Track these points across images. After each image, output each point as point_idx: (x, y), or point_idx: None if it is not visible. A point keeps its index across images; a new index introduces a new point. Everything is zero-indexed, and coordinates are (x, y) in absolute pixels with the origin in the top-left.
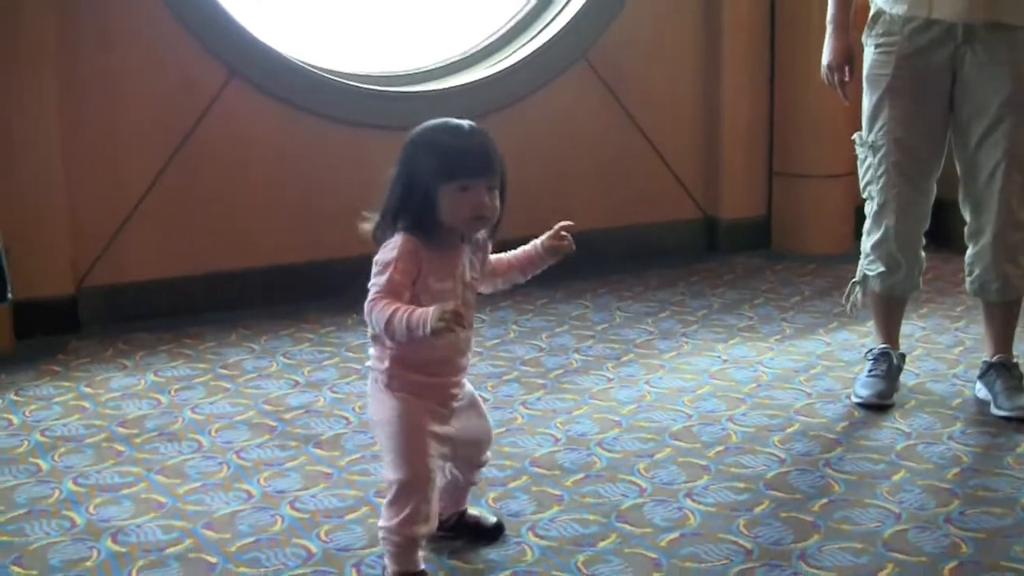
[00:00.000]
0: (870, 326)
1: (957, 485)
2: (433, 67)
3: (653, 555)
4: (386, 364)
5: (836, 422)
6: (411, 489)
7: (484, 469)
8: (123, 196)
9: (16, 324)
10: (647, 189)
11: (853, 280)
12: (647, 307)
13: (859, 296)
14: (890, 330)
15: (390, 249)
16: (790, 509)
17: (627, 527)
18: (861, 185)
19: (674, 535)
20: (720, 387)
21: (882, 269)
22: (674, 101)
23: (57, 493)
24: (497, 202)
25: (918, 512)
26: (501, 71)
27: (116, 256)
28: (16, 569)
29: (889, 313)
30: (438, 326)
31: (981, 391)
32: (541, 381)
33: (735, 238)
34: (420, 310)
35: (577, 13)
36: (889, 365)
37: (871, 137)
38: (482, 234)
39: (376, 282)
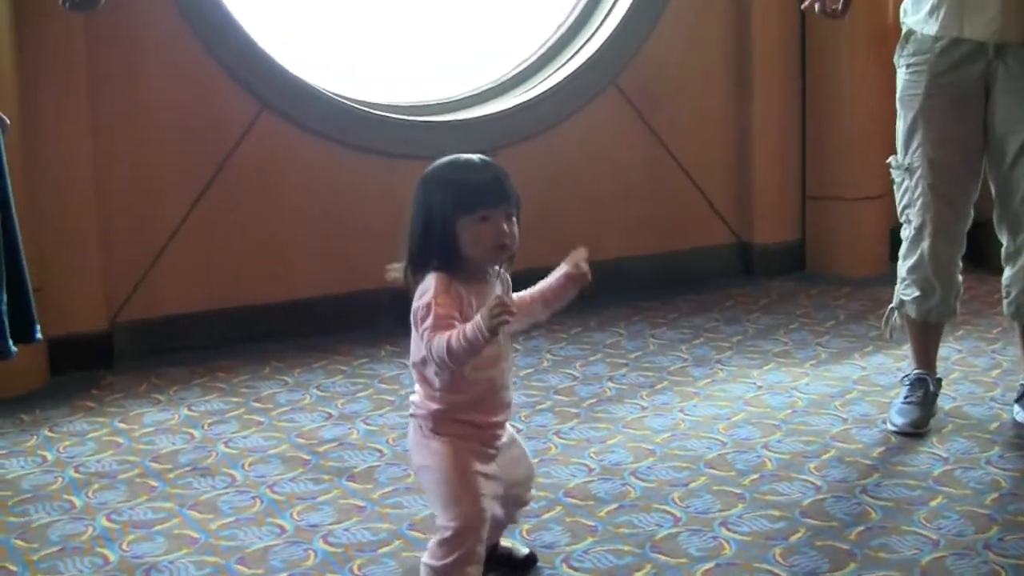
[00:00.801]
0: (906, 350)
1: (996, 511)
2: (463, 96)
3: None
4: (433, 407)
5: (872, 448)
6: (467, 530)
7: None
8: (156, 230)
9: (50, 360)
10: (679, 215)
11: (891, 306)
12: (681, 334)
13: (897, 321)
14: (927, 355)
15: (424, 291)
16: (826, 537)
17: (662, 557)
18: (898, 209)
19: (709, 565)
20: (755, 414)
21: (918, 294)
22: (705, 125)
23: (91, 530)
24: (516, 230)
25: (956, 539)
26: (531, 99)
27: (149, 290)
28: None
29: (925, 338)
30: (493, 323)
31: (1019, 414)
32: (575, 410)
33: (769, 262)
34: (470, 323)
35: (607, 39)
36: (925, 392)
37: (907, 160)
38: (500, 270)
39: (426, 326)
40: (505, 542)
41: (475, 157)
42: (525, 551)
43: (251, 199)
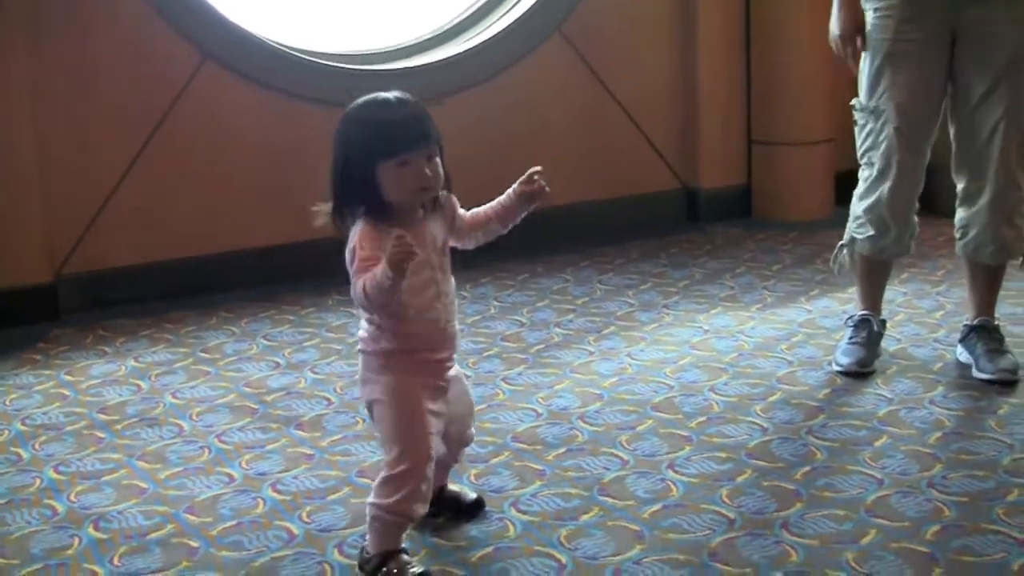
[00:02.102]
0: (852, 292)
1: (939, 450)
2: (407, 44)
3: (636, 527)
4: (383, 344)
5: (818, 389)
6: (413, 468)
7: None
8: (99, 182)
9: None
10: (625, 161)
11: (841, 243)
12: (628, 279)
13: (846, 259)
14: (873, 295)
15: (351, 236)
16: (773, 478)
17: (609, 500)
18: (859, 151)
19: (656, 507)
20: (702, 358)
21: (871, 232)
22: (649, 71)
23: (38, 482)
24: (440, 168)
25: (901, 477)
26: (475, 47)
27: (94, 243)
28: None
29: (873, 278)
30: (393, 260)
31: (963, 354)
32: (522, 356)
33: (715, 208)
34: (378, 267)
35: None
36: (869, 332)
37: (872, 102)
38: (441, 195)
39: (353, 272)
40: (453, 486)
41: (392, 95)
42: (473, 495)
43: (194, 150)
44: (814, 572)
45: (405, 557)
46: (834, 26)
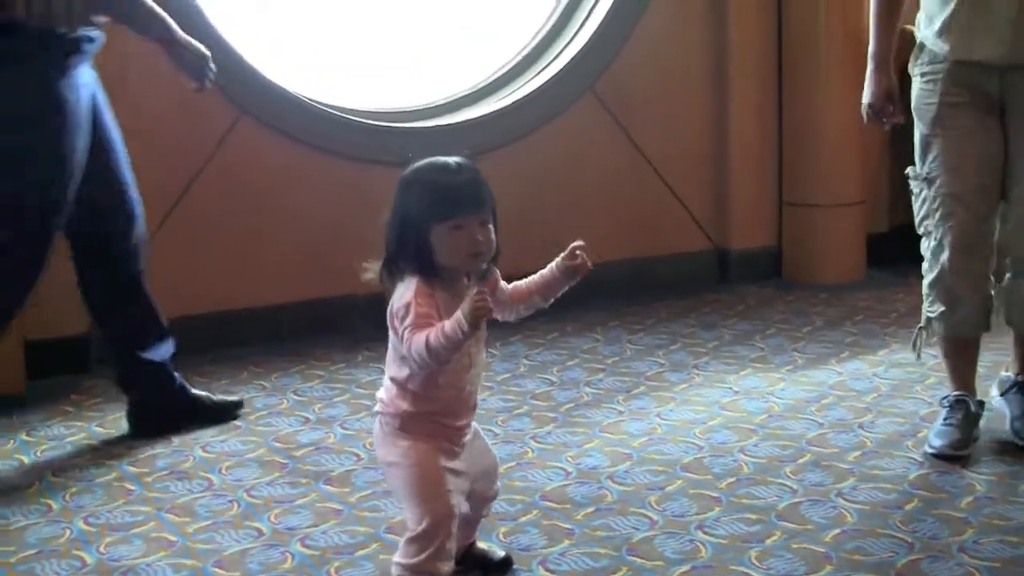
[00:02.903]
0: (882, 356)
1: (971, 514)
2: (441, 103)
3: None
4: (403, 407)
5: (848, 452)
6: (435, 527)
7: (494, 503)
8: None
9: (29, 365)
10: (657, 221)
11: (919, 326)
12: (658, 339)
13: (924, 340)
14: (963, 375)
15: (404, 293)
16: (802, 540)
17: (638, 560)
18: (917, 221)
19: (685, 568)
20: (732, 418)
21: (943, 309)
22: (682, 131)
23: (68, 533)
24: (492, 235)
25: (931, 542)
26: (508, 106)
27: None
28: None
29: (958, 356)
30: (475, 315)
31: (999, 402)
32: (552, 415)
33: (746, 269)
34: (449, 320)
35: (584, 45)
36: (966, 413)
37: (924, 169)
38: (477, 285)
39: (406, 325)
40: (481, 544)
41: (452, 160)
42: (501, 553)
43: (227, 205)
44: None
45: None
46: (865, 94)
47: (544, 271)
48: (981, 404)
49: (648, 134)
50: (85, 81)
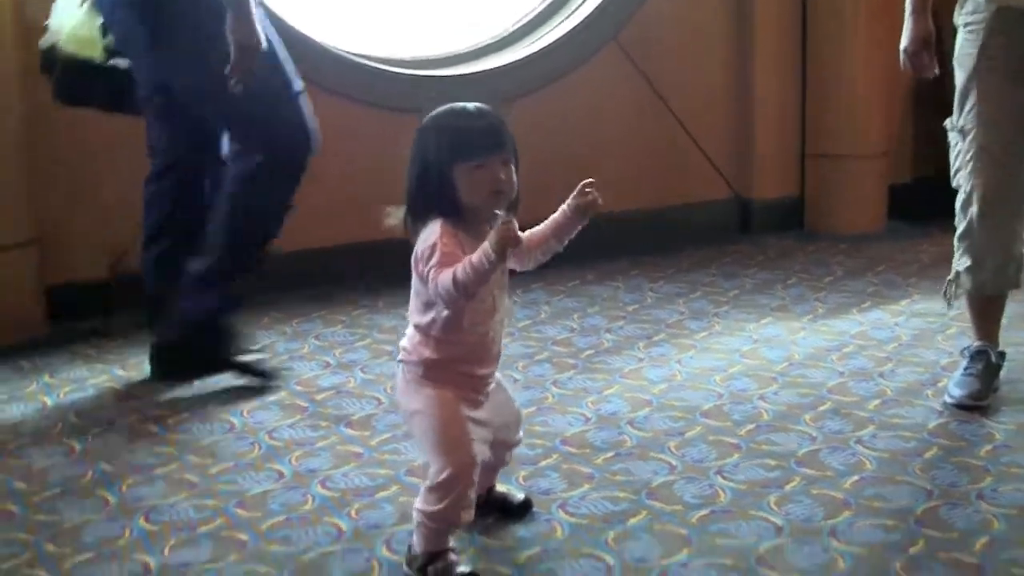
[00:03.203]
0: (904, 306)
1: (990, 462)
2: (465, 51)
3: (683, 531)
4: (426, 355)
5: (868, 400)
6: (457, 475)
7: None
8: None
9: (51, 307)
10: (678, 170)
11: (948, 278)
12: (678, 288)
13: (955, 291)
14: (987, 327)
15: (428, 235)
16: (821, 486)
17: (657, 504)
18: (951, 173)
19: (704, 512)
20: (751, 366)
21: (969, 263)
22: (705, 81)
23: (90, 474)
24: (514, 176)
25: (950, 489)
26: (532, 54)
27: None
28: (50, 547)
29: (983, 309)
30: (500, 244)
31: None
32: (572, 361)
33: (767, 219)
34: (475, 254)
35: None
36: (986, 363)
37: (960, 120)
38: (503, 214)
39: (431, 264)
40: (501, 487)
41: (471, 105)
42: (521, 496)
43: None
44: None
45: (452, 556)
46: (903, 40)
47: (555, 214)
48: (1002, 355)
49: (671, 84)
50: None
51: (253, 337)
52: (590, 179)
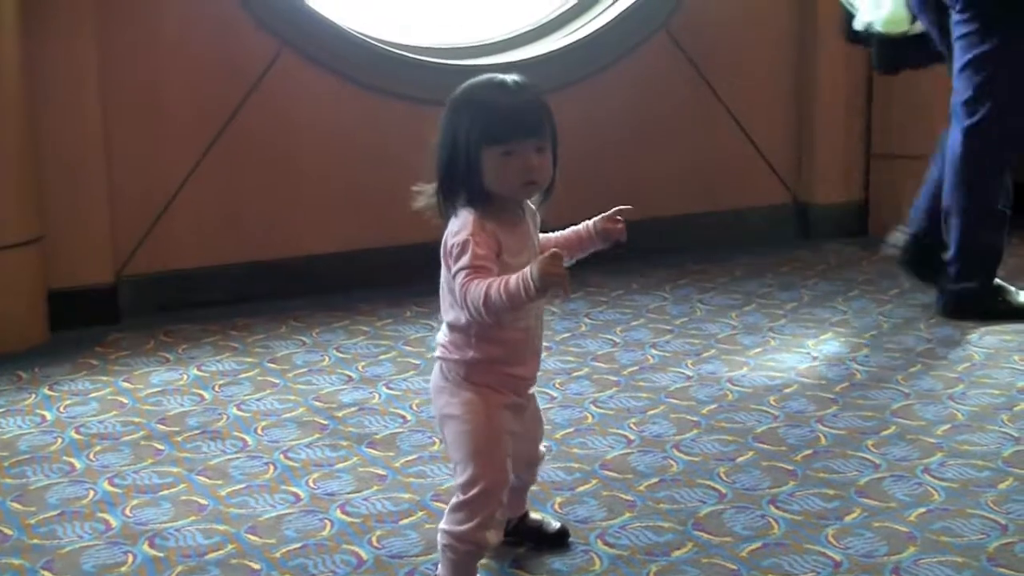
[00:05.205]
0: (975, 321)
1: None
2: (501, 39)
3: (732, 566)
4: (469, 354)
5: (936, 425)
6: (488, 492)
7: (550, 471)
8: (165, 177)
9: (52, 315)
10: (732, 171)
11: None
12: (731, 299)
13: None
14: None
15: (459, 229)
16: (884, 519)
17: (704, 535)
18: None
19: (756, 544)
20: (809, 386)
21: None
22: (763, 75)
23: (92, 494)
24: (549, 164)
25: None
26: (573, 43)
27: (159, 242)
28: (47, 574)
29: None
30: (546, 283)
31: None
32: (614, 378)
33: (829, 225)
34: (515, 275)
35: None
36: None
37: None
38: (532, 205)
39: (462, 266)
40: (535, 515)
41: (509, 79)
42: (557, 525)
43: (268, 145)
44: None
45: None
46: None
47: (579, 227)
48: None
49: (725, 76)
50: None
51: None
52: (625, 206)
